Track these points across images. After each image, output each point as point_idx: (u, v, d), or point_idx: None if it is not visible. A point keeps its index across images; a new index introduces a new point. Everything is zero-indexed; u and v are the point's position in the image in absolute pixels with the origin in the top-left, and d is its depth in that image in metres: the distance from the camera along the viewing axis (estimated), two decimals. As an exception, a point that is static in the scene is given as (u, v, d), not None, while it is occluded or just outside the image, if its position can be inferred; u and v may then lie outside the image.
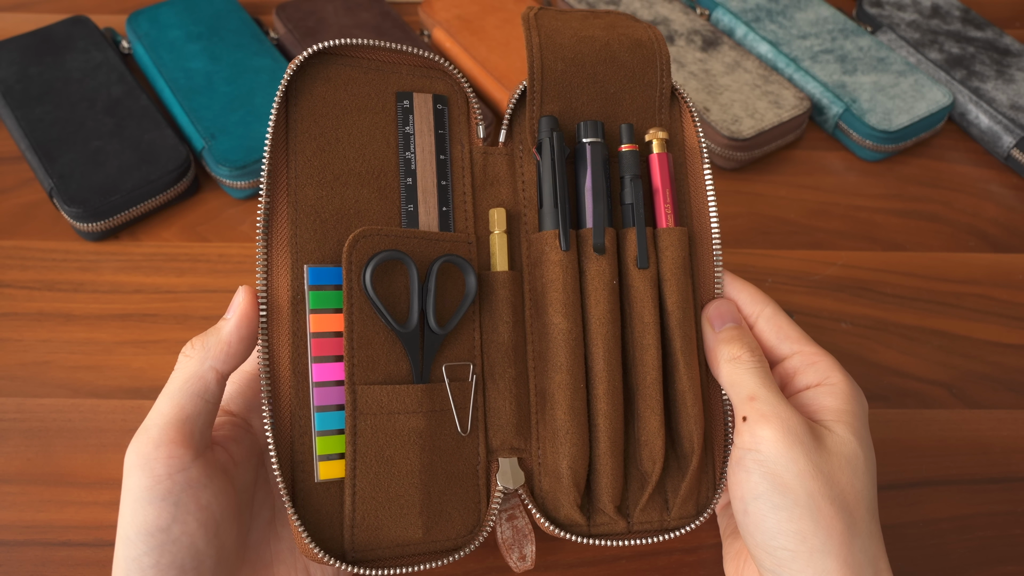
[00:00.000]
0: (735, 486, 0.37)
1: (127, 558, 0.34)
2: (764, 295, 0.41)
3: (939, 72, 0.68)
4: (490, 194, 0.43)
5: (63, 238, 0.58)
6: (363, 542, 0.37)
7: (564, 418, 0.39)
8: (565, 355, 0.39)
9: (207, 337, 0.37)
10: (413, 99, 0.42)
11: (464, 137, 0.43)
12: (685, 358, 0.39)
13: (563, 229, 0.40)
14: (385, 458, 0.37)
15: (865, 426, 0.38)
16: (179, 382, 0.36)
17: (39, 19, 0.72)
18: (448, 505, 0.38)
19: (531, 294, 0.41)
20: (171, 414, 0.35)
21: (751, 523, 0.36)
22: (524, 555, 0.41)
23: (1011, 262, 0.60)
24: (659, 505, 0.40)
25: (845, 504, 0.35)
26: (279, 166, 0.39)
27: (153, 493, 0.34)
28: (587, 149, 0.41)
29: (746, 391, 0.37)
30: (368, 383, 0.37)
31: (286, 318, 0.37)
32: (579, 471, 0.39)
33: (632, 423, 0.40)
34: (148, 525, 0.34)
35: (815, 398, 0.38)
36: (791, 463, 0.35)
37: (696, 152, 0.43)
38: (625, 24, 0.44)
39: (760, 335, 0.41)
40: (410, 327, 0.38)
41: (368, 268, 0.37)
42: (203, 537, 0.35)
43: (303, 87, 0.40)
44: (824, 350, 0.40)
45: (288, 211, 0.38)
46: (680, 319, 0.40)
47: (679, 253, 0.40)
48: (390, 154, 0.41)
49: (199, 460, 0.35)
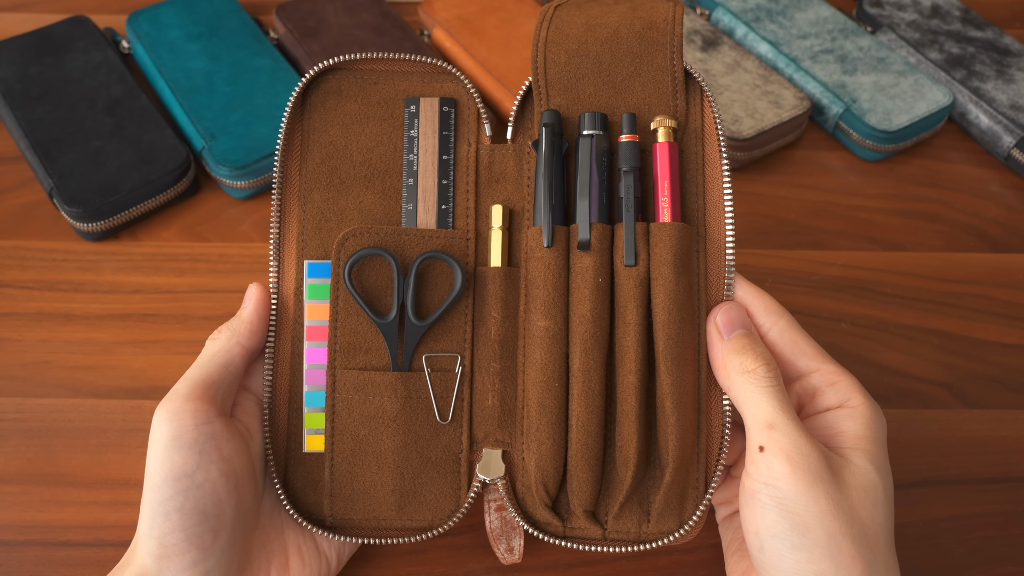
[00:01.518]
0: (749, 520, 0.35)
1: (153, 503, 0.36)
2: (779, 306, 0.39)
3: (939, 72, 0.68)
4: (496, 191, 0.43)
5: (63, 238, 0.58)
6: (340, 512, 0.41)
7: (534, 416, 0.39)
8: (540, 353, 0.39)
9: (232, 321, 0.41)
10: (420, 104, 0.44)
11: (472, 136, 0.44)
12: (667, 363, 0.37)
13: (546, 225, 0.40)
14: (360, 437, 0.41)
15: (884, 451, 0.36)
16: (208, 355, 0.40)
17: (39, 19, 0.72)
18: (423, 488, 0.41)
19: (525, 290, 0.41)
20: (198, 377, 0.39)
21: (767, 561, 0.35)
22: (512, 547, 0.41)
23: (1011, 262, 0.60)
24: (638, 515, 0.39)
25: (865, 540, 0.34)
26: (291, 173, 0.43)
27: (180, 442, 0.37)
28: (579, 143, 0.40)
29: (763, 416, 0.35)
30: (347, 368, 0.41)
31: (290, 307, 0.42)
32: (547, 471, 0.39)
33: (612, 427, 0.39)
34: (175, 470, 0.36)
35: (835, 422, 0.37)
36: (811, 503, 0.33)
37: (714, 140, 0.40)
38: (646, 5, 0.41)
39: (773, 348, 0.39)
40: (389, 318, 0.41)
41: (348, 263, 0.41)
42: (224, 486, 0.37)
43: (316, 101, 0.44)
44: (844, 368, 0.38)
45: (297, 212, 0.43)
46: (665, 320, 0.38)
47: (670, 250, 0.38)
48: (395, 157, 0.44)
49: (221, 418, 0.39)
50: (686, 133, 0.41)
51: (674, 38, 0.40)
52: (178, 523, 0.36)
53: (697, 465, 0.39)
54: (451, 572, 0.45)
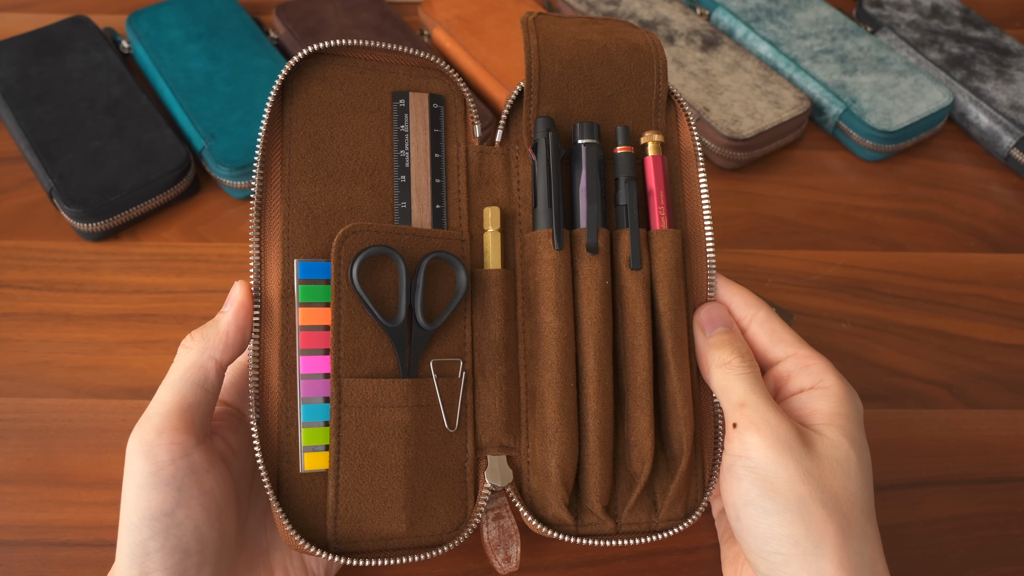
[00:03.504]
0: (727, 493, 0.37)
1: (132, 543, 0.34)
2: (757, 298, 0.41)
3: (939, 72, 0.68)
4: (485, 193, 0.43)
5: (63, 238, 0.58)
6: (346, 533, 0.37)
7: (553, 416, 0.39)
8: (556, 353, 0.39)
9: (206, 329, 0.38)
10: (409, 98, 0.42)
11: (460, 136, 0.43)
12: (676, 359, 0.39)
13: (556, 228, 0.40)
14: (369, 451, 0.38)
15: (859, 428, 0.38)
16: (179, 372, 0.37)
17: (39, 19, 0.72)
18: (433, 500, 0.39)
19: (524, 293, 0.42)
20: (172, 402, 0.36)
21: (744, 529, 0.36)
22: (509, 556, 0.41)
23: (1011, 262, 0.60)
24: (647, 506, 0.40)
25: (838, 507, 0.35)
26: (273, 163, 0.40)
27: (157, 479, 0.35)
28: (582, 150, 0.41)
29: (736, 397, 0.38)
30: (354, 376, 0.38)
31: (276, 311, 0.38)
32: (568, 470, 0.39)
33: (622, 423, 0.40)
34: (153, 510, 0.34)
35: (808, 401, 0.38)
36: (781, 469, 0.35)
37: (691, 155, 0.43)
38: (622, 29, 0.44)
39: (753, 339, 0.41)
40: (397, 322, 0.39)
41: (356, 263, 0.38)
42: (206, 521, 0.35)
43: (299, 87, 0.41)
44: (817, 353, 0.40)
45: (281, 207, 0.39)
46: (672, 320, 0.40)
47: (672, 255, 0.40)
48: (385, 152, 0.41)
49: (200, 447, 0.36)
50: (667, 149, 0.43)
51: (659, 61, 0.43)
52: (159, 562, 0.34)
53: (696, 455, 0.40)
54: (451, 572, 0.45)
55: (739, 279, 0.41)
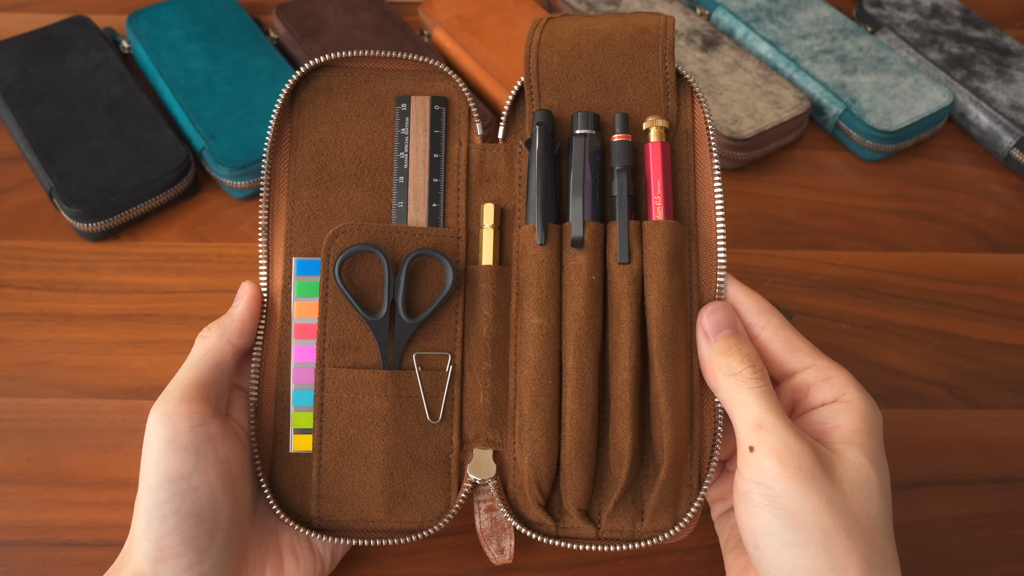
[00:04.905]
0: (744, 519, 0.35)
1: (149, 506, 0.36)
2: (771, 305, 0.40)
3: (939, 72, 0.68)
4: (487, 190, 0.43)
5: (63, 238, 0.58)
6: (328, 513, 0.40)
7: (528, 414, 0.39)
8: (533, 351, 0.39)
9: (222, 320, 0.41)
10: (411, 102, 0.44)
11: (463, 135, 0.44)
12: (661, 359, 0.38)
13: (540, 223, 0.40)
14: (348, 436, 0.40)
15: (879, 445, 0.36)
16: (199, 354, 0.40)
17: (39, 19, 0.72)
18: (413, 488, 0.40)
19: (516, 289, 0.41)
20: (191, 378, 0.38)
21: (764, 559, 0.35)
22: (502, 548, 0.41)
23: (1011, 262, 0.60)
24: (631, 513, 0.39)
25: (861, 534, 0.34)
26: (281, 170, 0.43)
27: (175, 444, 0.36)
28: (573, 142, 0.41)
29: (752, 416, 0.36)
30: (336, 366, 0.41)
31: (278, 305, 0.42)
32: (540, 469, 0.39)
33: (605, 425, 0.39)
34: (171, 473, 0.36)
35: (830, 416, 0.37)
36: (804, 499, 0.33)
37: (704, 140, 0.41)
38: (636, 16, 0.42)
39: (767, 347, 0.39)
40: (379, 316, 0.41)
41: (339, 259, 0.41)
42: (220, 488, 0.37)
43: (306, 98, 0.43)
44: (838, 364, 0.38)
45: (286, 210, 0.42)
46: (659, 317, 0.38)
47: (662, 248, 0.38)
48: (386, 155, 0.43)
49: (217, 419, 0.38)
50: (677, 134, 0.41)
51: (666, 40, 0.41)
52: (174, 526, 0.36)
53: (691, 462, 0.39)
54: (450, 572, 0.45)
55: (739, 279, 0.41)
